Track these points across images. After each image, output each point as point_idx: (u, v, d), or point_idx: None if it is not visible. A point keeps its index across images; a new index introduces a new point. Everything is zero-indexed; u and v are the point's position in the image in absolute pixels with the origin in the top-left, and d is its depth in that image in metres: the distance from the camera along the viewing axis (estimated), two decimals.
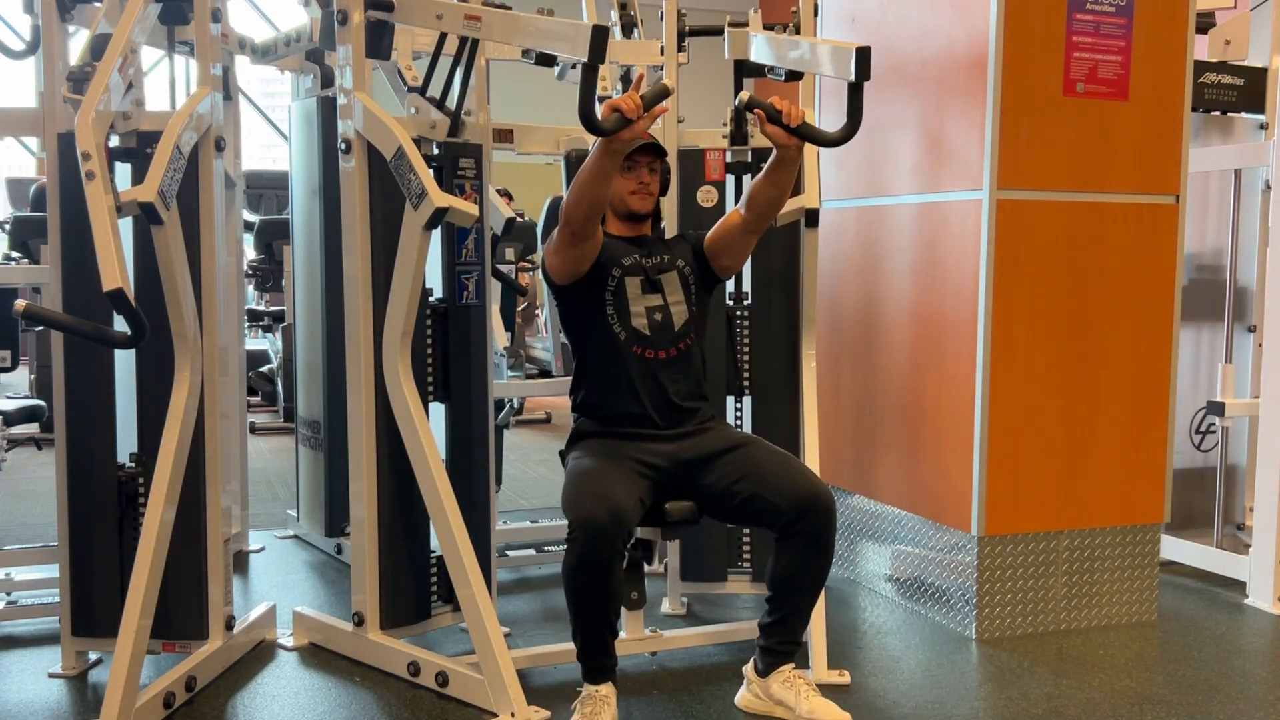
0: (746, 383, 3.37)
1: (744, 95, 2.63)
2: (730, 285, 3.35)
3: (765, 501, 2.60)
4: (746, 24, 3.38)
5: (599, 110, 2.45)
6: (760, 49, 3.11)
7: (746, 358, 3.37)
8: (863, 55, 2.61)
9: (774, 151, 2.66)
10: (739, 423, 3.40)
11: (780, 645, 2.71)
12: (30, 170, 10.66)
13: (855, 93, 2.63)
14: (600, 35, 2.43)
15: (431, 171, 2.77)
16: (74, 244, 2.85)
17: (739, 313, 3.36)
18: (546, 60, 2.91)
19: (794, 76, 3.14)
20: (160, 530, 2.67)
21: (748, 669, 2.79)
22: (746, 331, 3.37)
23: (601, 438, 2.73)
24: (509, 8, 2.78)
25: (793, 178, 2.73)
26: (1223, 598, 3.74)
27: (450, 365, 3.09)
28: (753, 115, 2.62)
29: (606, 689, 2.60)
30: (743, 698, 2.79)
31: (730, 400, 3.39)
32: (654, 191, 2.82)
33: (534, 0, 2.97)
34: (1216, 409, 3.89)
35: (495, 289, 3.72)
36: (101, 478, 2.92)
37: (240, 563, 4.07)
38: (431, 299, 3.08)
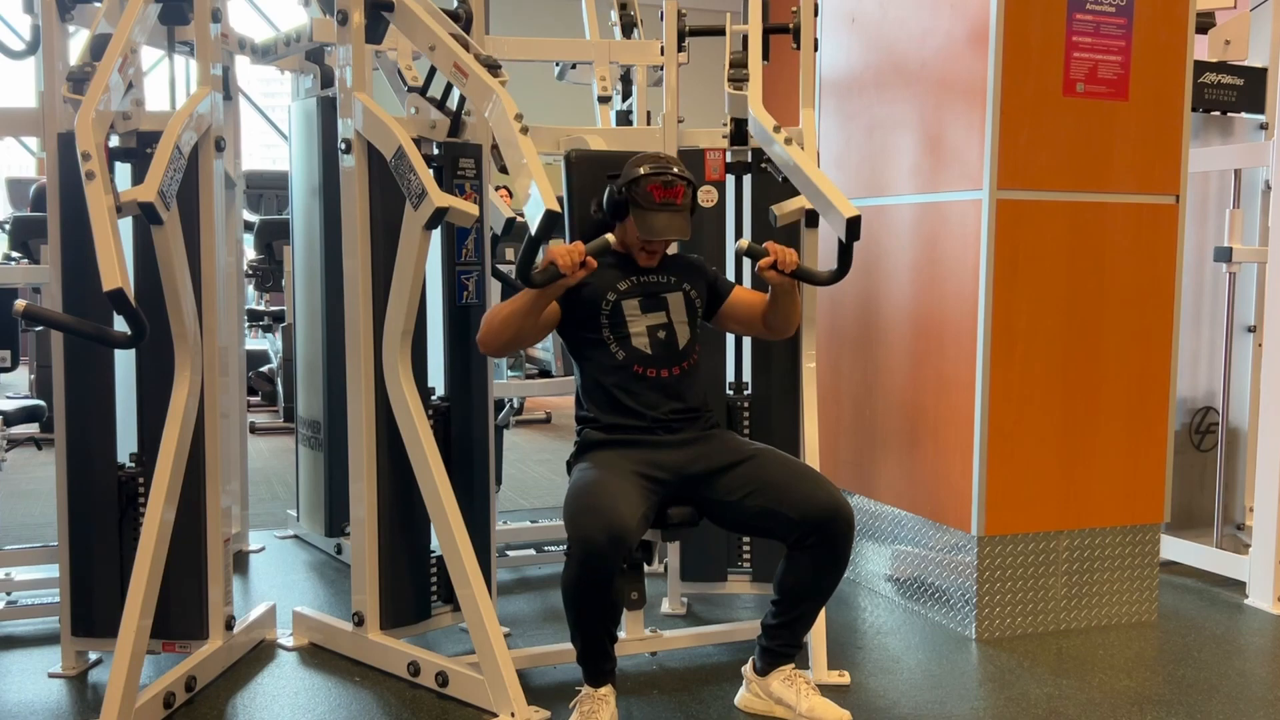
0: (747, 388, 3.37)
1: (741, 244, 2.72)
2: None
3: (780, 515, 2.57)
4: (746, 26, 3.39)
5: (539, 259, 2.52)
6: (764, 143, 3.13)
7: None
8: (853, 225, 2.74)
9: (770, 287, 2.75)
10: (746, 429, 3.39)
11: (782, 647, 2.71)
12: (30, 170, 10.66)
13: (845, 248, 2.76)
14: (551, 220, 2.44)
15: (431, 171, 2.77)
16: (74, 244, 2.85)
17: None
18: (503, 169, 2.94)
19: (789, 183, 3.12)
20: (160, 530, 2.67)
21: (746, 669, 2.79)
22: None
23: (608, 448, 2.70)
24: (499, 65, 2.80)
25: (796, 302, 2.83)
26: (1223, 598, 3.74)
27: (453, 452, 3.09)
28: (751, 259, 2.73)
29: (605, 690, 2.60)
30: (742, 698, 2.79)
31: (730, 404, 3.38)
32: (664, 252, 2.82)
33: (533, 3, 2.95)
34: (1224, 255, 3.83)
35: (495, 289, 3.71)
36: (101, 478, 2.92)
37: (240, 563, 4.07)
38: (434, 398, 3.08)
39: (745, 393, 3.38)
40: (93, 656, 3.04)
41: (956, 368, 3.36)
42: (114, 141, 2.83)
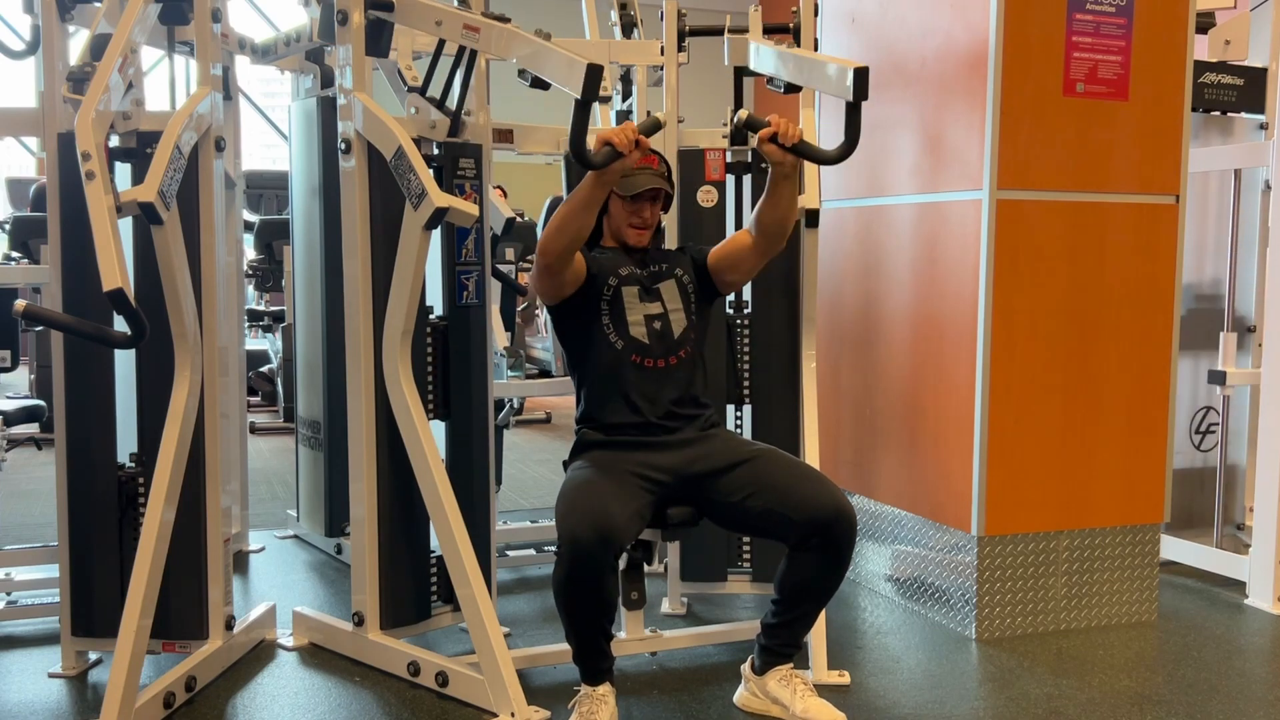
0: (747, 388, 3.37)
1: (742, 114, 2.62)
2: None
3: (781, 517, 2.56)
4: (747, 28, 3.38)
5: (590, 142, 2.46)
6: (759, 60, 3.11)
7: (747, 363, 3.37)
8: (860, 75, 2.60)
9: (770, 169, 2.64)
10: (739, 428, 3.39)
11: (781, 647, 2.71)
12: (30, 170, 10.67)
13: (853, 111, 2.62)
14: (595, 75, 2.43)
15: (431, 171, 2.77)
16: (74, 244, 2.85)
17: (739, 321, 3.36)
18: (541, 84, 2.90)
19: (793, 88, 3.14)
20: (160, 530, 2.67)
21: (745, 667, 2.79)
22: (747, 337, 3.36)
23: (604, 449, 2.70)
24: (508, 20, 2.78)
25: (794, 194, 2.71)
26: (1223, 598, 3.74)
27: (451, 378, 3.09)
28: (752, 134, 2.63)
29: (604, 689, 2.60)
30: (741, 696, 2.80)
31: (730, 407, 3.38)
32: (652, 225, 2.80)
33: (533, 3, 2.96)
34: (1218, 378, 3.86)
35: (495, 289, 3.72)
36: (101, 478, 2.92)
37: (240, 563, 4.07)
38: (432, 316, 3.08)
39: (745, 391, 3.38)
40: (93, 656, 3.04)
41: (956, 368, 3.36)
42: (114, 141, 2.83)
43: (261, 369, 7.49)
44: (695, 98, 4.99)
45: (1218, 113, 4.14)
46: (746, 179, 3.36)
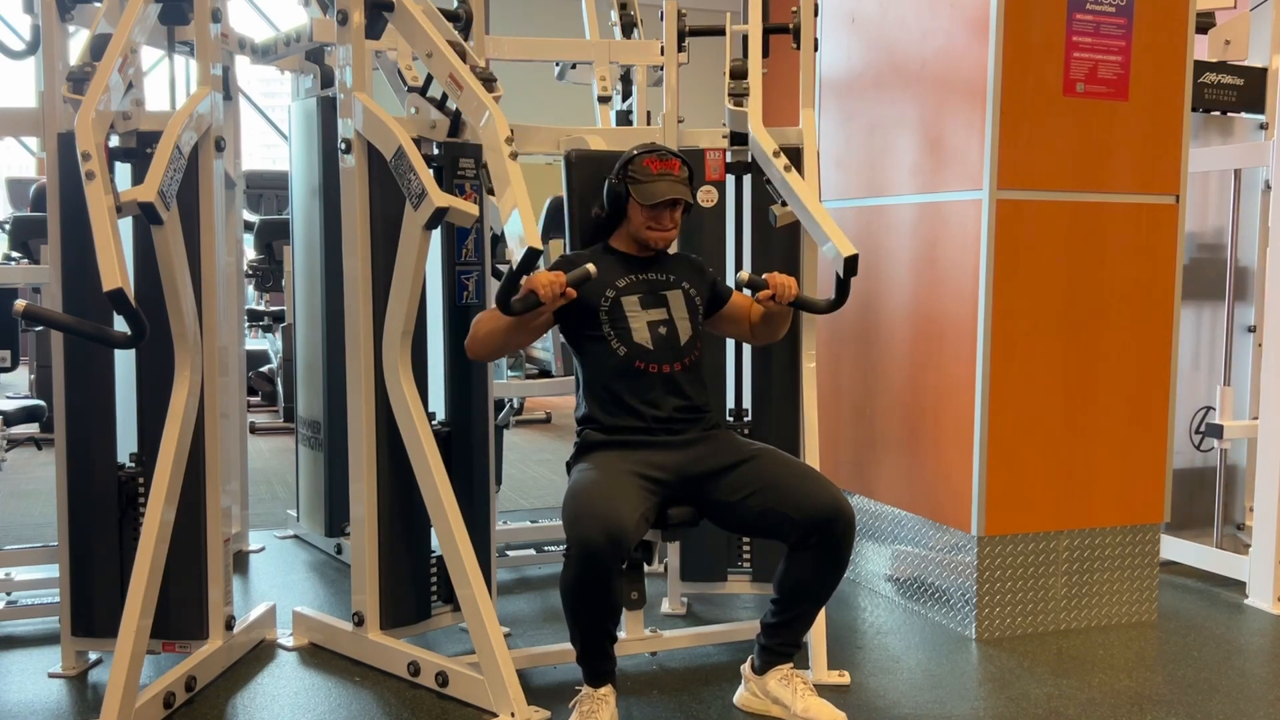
0: (747, 390, 3.37)
1: (741, 276, 2.75)
2: None
3: (781, 516, 2.56)
4: (746, 27, 3.39)
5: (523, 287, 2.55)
6: (758, 155, 3.15)
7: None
8: (850, 263, 2.78)
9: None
10: (744, 430, 3.39)
11: (780, 646, 2.71)
12: (30, 170, 10.66)
13: (843, 282, 2.80)
14: (532, 258, 2.49)
15: (431, 171, 2.77)
16: (74, 244, 2.85)
17: None
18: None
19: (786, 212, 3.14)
20: (160, 530, 2.67)
21: (745, 667, 2.79)
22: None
23: (608, 449, 2.70)
24: (494, 79, 2.83)
25: (788, 320, 2.90)
26: (1223, 598, 3.74)
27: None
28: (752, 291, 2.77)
29: (605, 690, 2.60)
30: (741, 696, 2.80)
31: (731, 408, 3.38)
32: (671, 229, 2.80)
33: (533, 3, 2.96)
34: (1215, 431, 3.89)
35: (495, 289, 3.71)
36: (101, 478, 2.92)
37: (240, 563, 4.07)
38: (434, 423, 3.06)
39: (745, 394, 3.38)
40: (93, 656, 3.04)
41: (956, 368, 3.36)
42: (114, 141, 2.83)
43: (261, 369, 7.49)
44: (695, 98, 5.00)
45: (1218, 113, 4.14)
46: (746, 179, 3.35)
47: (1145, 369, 3.45)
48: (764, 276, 2.73)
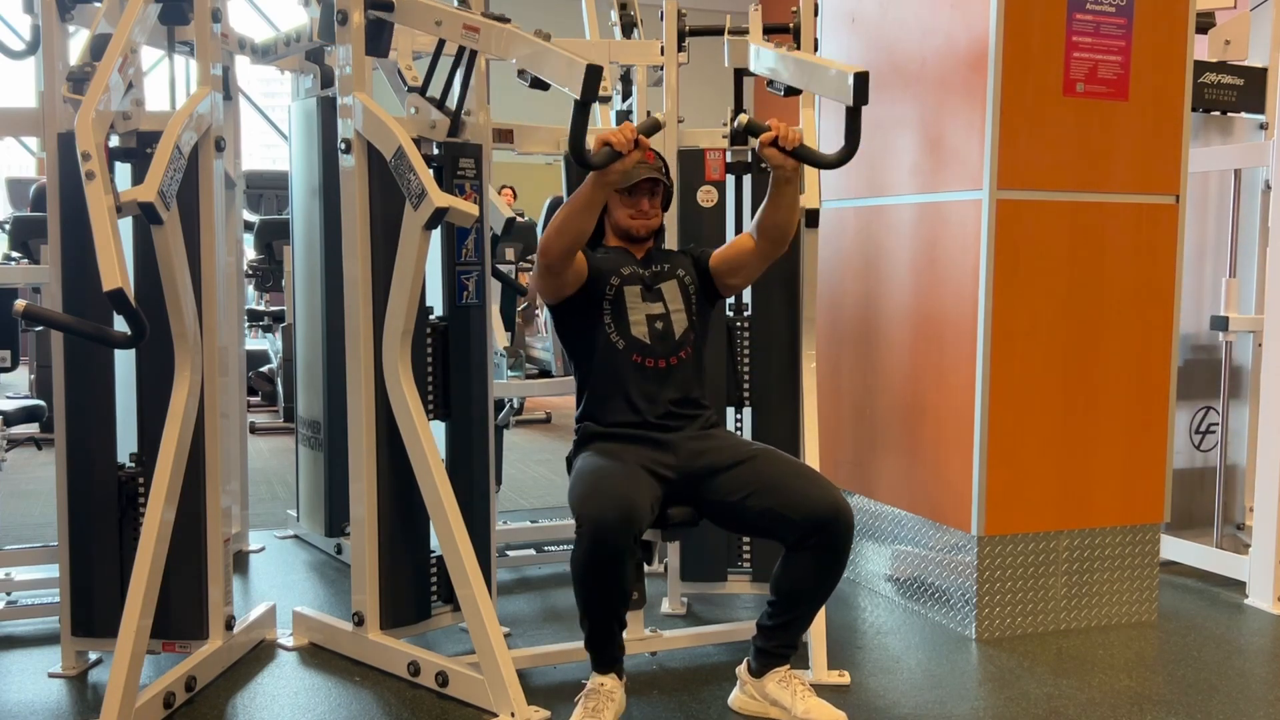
0: (747, 390, 3.37)
1: (743, 118, 2.62)
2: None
3: (779, 516, 2.55)
4: (747, 29, 3.38)
5: (589, 142, 2.46)
6: (759, 62, 3.11)
7: (747, 363, 3.37)
8: (860, 80, 2.61)
9: (771, 173, 2.63)
10: (739, 428, 3.39)
11: (778, 648, 2.69)
12: (30, 170, 10.67)
13: (853, 116, 2.63)
14: (594, 75, 2.43)
15: (431, 171, 2.77)
16: (74, 244, 2.85)
17: (739, 324, 3.36)
18: (541, 85, 2.90)
19: (793, 91, 3.14)
20: (160, 530, 2.67)
21: (741, 670, 2.78)
22: (747, 337, 3.36)
23: (609, 440, 2.70)
24: (508, 20, 2.78)
25: (795, 197, 2.70)
26: (1223, 598, 3.74)
27: (451, 379, 3.09)
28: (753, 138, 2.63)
29: (611, 682, 2.59)
30: (736, 698, 2.79)
31: (731, 408, 3.38)
32: (653, 217, 2.80)
33: (533, 3, 2.97)
34: (1220, 323, 3.84)
35: (495, 289, 3.72)
36: (101, 478, 2.92)
37: (240, 563, 4.07)
38: (432, 317, 3.08)
39: (745, 392, 3.37)
40: (93, 656, 3.04)
41: (956, 368, 3.36)
42: (114, 141, 2.83)
43: (261, 369, 7.49)
44: (695, 98, 4.99)
45: (1218, 113, 4.14)
46: (746, 179, 3.36)
47: (1145, 369, 3.45)
48: (767, 121, 2.58)
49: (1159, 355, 3.46)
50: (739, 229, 3.36)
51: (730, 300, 3.32)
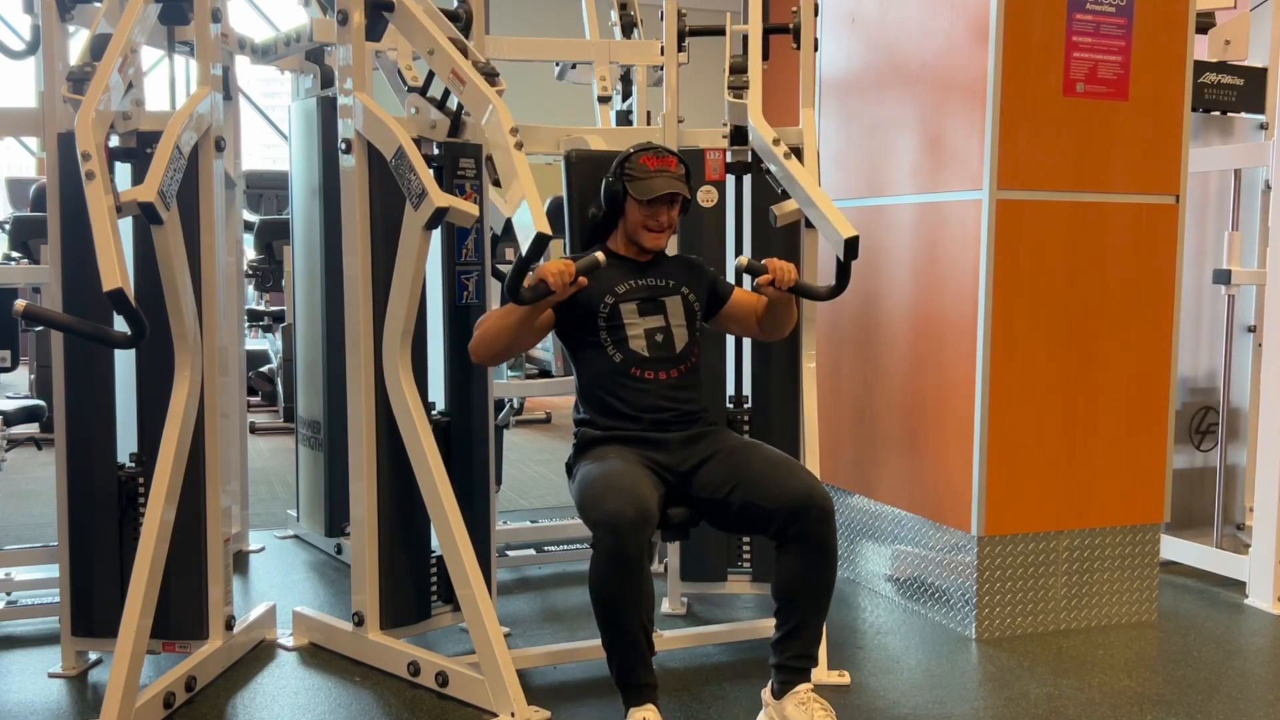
0: (747, 388, 3.37)
1: (741, 261, 2.73)
2: None
3: (757, 508, 2.53)
4: (746, 27, 3.39)
5: (528, 277, 2.55)
6: (758, 145, 3.14)
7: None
8: (851, 244, 2.75)
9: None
10: (746, 430, 3.38)
11: (793, 661, 2.58)
12: (30, 170, 10.66)
13: (844, 266, 2.78)
14: (541, 243, 2.46)
15: (431, 171, 2.77)
16: (74, 244, 2.85)
17: None
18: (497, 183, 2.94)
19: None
20: (160, 530, 2.67)
21: (765, 693, 2.68)
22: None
23: (608, 443, 2.69)
24: (496, 74, 2.83)
25: (791, 311, 2.85)
26: (1223, 598, 3.74)
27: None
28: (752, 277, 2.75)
29: (651, 713, 2.44)
30: None
31: (730, 409, 3.38)
32: (669, 229, 2.79)
33: (533, 3, 2.96)
34: (1222, 277, 3.81)
35: (495, 289, 3.72)
36: (101, 478, 2.92)
37: (240, 563, 4.07)
38: (434, 413, 3.07)
39: (745, 394, 3.37)
40: (93, 656, 3.04)
41: (956, 368, 3.36)
42: (114, 141, 2.83)
43: (261, 369, 7.49)
44: (695, 98, 5.00)
45: (1218, 113, 4.14)
46: (746, 179, 3.36)
47: (1145, 369, 3.45)
48: (763, 261, 2.70)
49: (1159, 355, 3.46)
50: (739, 229, 3.36)
51: None
